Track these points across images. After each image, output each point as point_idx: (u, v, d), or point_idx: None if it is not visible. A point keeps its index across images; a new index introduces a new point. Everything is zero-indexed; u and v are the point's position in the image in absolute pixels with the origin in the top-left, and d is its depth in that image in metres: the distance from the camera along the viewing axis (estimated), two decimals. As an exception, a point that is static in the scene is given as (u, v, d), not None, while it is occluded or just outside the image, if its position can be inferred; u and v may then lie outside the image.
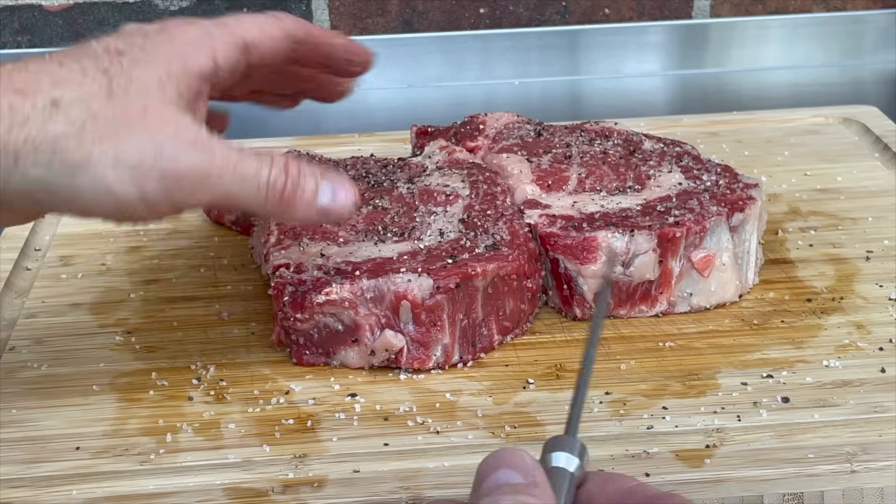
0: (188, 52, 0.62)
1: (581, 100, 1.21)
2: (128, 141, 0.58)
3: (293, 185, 0.61)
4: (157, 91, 0.60)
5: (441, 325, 0.66)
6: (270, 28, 0.66)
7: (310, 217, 0.63)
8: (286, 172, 0.61)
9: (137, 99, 0.59)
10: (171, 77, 0.61)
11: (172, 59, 0.61)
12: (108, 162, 0.57)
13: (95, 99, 0.58)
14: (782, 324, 0.71)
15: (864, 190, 0.88)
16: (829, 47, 1.24)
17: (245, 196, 0.61)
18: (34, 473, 0.59)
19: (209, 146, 0.60)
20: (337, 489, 0.58)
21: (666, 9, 1.23)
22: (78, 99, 0.57)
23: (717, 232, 0.72)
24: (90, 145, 0.57)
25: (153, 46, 0.62)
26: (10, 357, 0.69)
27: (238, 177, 0.60)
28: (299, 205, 0.62)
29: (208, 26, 0.64)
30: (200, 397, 0.65)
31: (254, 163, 0.61)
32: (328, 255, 0.69)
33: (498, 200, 0.75)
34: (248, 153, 0.61)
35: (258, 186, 0.61)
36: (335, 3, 1.20)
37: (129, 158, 0.57)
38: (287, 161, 0.62)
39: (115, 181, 0.57)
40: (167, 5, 1.19)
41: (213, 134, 0.61)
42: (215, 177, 0.59)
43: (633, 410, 0.63)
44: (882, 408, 0.63)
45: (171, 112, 0.60)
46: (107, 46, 0.61)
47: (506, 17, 1.22)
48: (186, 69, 0.62)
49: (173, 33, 0.63)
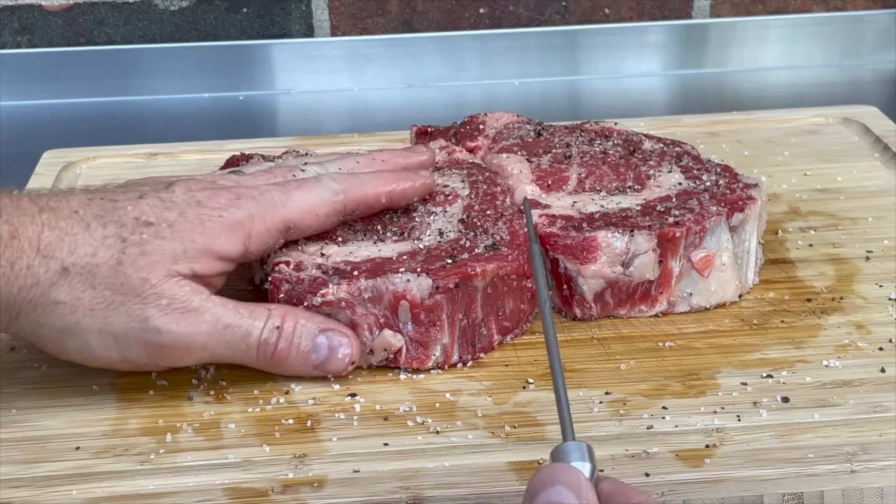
0: (219, 238, 0.63)
1: (581, 100, 1.21)
2: (117, 313, 0.61)
3: (286, 343, 0.64)
4: (167, 265, 0.62)
5: (440, 325, 0.66)
6: (319, 207, 0.67)
7: (306, 373, 0.65)
8: (280, 329, 0.63)
9: (142, 270, 0.61)
10: (188, 254, 0.62)
11: (197, 239, 0.63)
12: (94, 329, 0.61)
13: (102, 269, 0.61)
14: (782, 324, 0.71)
15: (864, 190, 0.88)
16: (829, 47, 1.24)
17: (235, 356, 0.64)
18: (34, 473, 0.59)
19: (199, 317, 0.62)
20: (337, 489, 0.58)
21: (666, 9, 1.23)
22: (86, 269, 0.60)
23: (716, 232, 0.72)
24: (80, 314, 0.60)
25: (183, 225, 0.63)
26: (10, 357, 0.69)
27: (225, 342, 0.63)
28: (292, 362, 0.65)
29: (252, 209, 0.65)
30: (200, 397, 0.65)
31: (245, 324, 0.63)
32: (328, 254, 0.69)
33: (498, 200, 0.75)
34: (244, 313, 0.63)
35: (247, 347, 0.63)
36: (335, 3, 1.20)
37: (114, 329, 0.61)
38: (285, 316, 0.64)
39: (98, 346, 0.61)
40: (167, 5, 1.19)
41: (210, 296, 0.62)
42: (199, 346, 0.62)
43: (633, 410, 0.63)
44: (882, 408, 0.63)
45: (168, 284, 0.62)
46: (139, 215, 0.62)
47: (506, 17, 1.22)
48: (209, 251, 0.63)
49: (212, 216, 0.64)
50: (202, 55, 1.20)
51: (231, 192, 0.65)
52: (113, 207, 0.63)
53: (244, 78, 1.20)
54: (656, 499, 0.57)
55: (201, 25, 1.20)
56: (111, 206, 0.63)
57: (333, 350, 0.65)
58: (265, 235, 0.65)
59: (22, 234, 0.60)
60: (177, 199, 0.64)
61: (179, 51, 1.19)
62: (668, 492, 0.58)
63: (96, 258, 0.61)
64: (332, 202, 0.67)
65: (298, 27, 1.21)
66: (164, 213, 0.63)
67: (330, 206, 0.67)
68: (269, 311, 0.64)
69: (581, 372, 0.67)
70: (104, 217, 0.62)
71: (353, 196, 0.68)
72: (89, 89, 1.19)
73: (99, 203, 0.63)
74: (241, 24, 1.20)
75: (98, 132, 1.10)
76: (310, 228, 0.67)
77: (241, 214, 0.64)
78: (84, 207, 0.62)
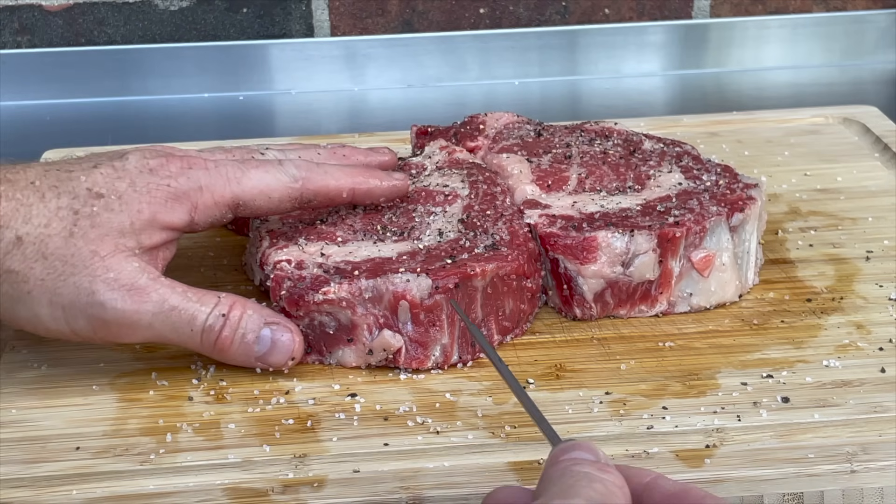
0: (163, 207, 0.64)
1: (581, 100, 1.21)
2: (66, 284, 0.62)
3: (230, 332, 0.64)
4: (115, 238, 0.63)
5: (440, 326, 0.66)
6: (274, 189, 0.67)
7: (248, 364, 0.66)
8: (226, 317, 0.64)
9: (92, 243, 0.62)
10: (135, 227, 0.63)
11: (144, 210, 0.64)
12: (43, 300, 0.62)
13: (54, 239, 0.62)
14: (782, 324, 0.71)
15: (864, 190, 0.88)
16: (829, 47, 1.24)
17: (179, 339, 0.64)
18: (34, 473, 0.59)
19: (144, 296, 0.62)
20: (337, 489, 0.58)
21: (666, 9, 1.23)
22: (39, 238, 0.62)
23: (717, 232, 0.72)
24: (31, 284, 0.62)
25: (131, 196, 0.64)
26: (10, 357, 0.69)
27: (170, 324, 0.63)
28: (235, 351, 0.65)
29: (202, 179, 0.66)
30: (200, 397, 0.65)
31: (191, 308, 0.63)
32: (328, 254, 0.69)
33: (497, 200, 0.75)
34: (192, 297, 0.63)
35: (192, 331, 0.64)
36: (335, 3, 1.20)
37: (62, 300, 0.62)
38: (233, 305, 0.64)
39: (47, 317, 0.62)
40: (167, 5, 1.19)
41: (158, 277, 0.63)
42: (144, 325, 0.63)
43: (633, 410, 0.63)
44: (882, 408, 0.63)
45: (117, 258, 0.62)
46: (91, 185, 0.63)
47: (506, 17, 1.22)
48: (154, 222, 0.64)
49: (160, 185, 0.65)
50: (202, 55, 1.19)
51: (184, 161, 0.66)
52: (68, 178, 0.64)
53: (244, 78, 1.20)
54: None
55: (201, 25, 1.20)
56: (66, 177, 0.64)
57: (276, 344, 0.65)
58: (212, 208, 0.66)
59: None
60: (129, 167, 0.65)
61: (179, 51, 1.19)
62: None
63: (49, 229, 0.62)
64: (288, 187, 0.67)
65: (298, 27, 1.21)
66: (114, 184, 0.64)
67: (285, 191, 0.67)
68: (218, 298, 0.64)
69: (581, 372, 0.67)
70: (59, 188, 0.63)
71: (312, 186, 0.68)
72: (89, 89, 1.19)
73: (55, 174, 0.64)
74: (241, 24, 1.20)
75: (98, 132, 1.10)
76: (261, 210, 0.68)
77: (189, 184, 0.65)
78: (40, 179, 0.63)
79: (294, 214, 0.74)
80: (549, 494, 0.45)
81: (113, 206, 0.63)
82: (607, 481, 0.46)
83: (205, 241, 0.83)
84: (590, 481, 0.45)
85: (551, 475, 0.47)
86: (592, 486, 0.45)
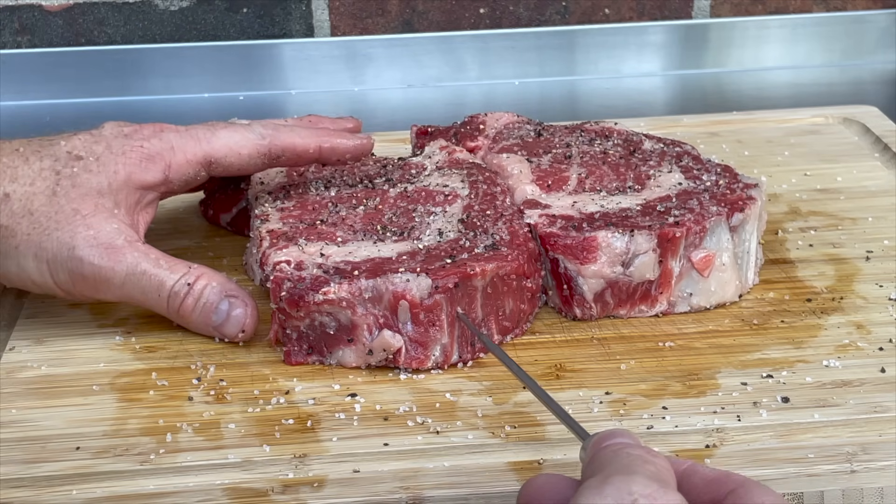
0: (138, 167, 0.69)
1: (581, 100, 1.21)
2: (50, 238, 0.67)
3: (193, 300, 0.69)
4: (94, 198, 0.68)
5: (440, 325, 0.66)
6: (242, 146, 0.72)
7: (207, 332, 0.70)
8: (191, 286, 0.68)
9: (73, 202, 0.68)
10: (112, 187, 0.69)
11: (119, 171, 0.69)
12: (29, 254, 0.67)
13: (39, 197, 0.67)
14: (782, 324, 0.71)
15: (864, 190, 0.88)
16: (829, 47, 1.24)
17: (148, 302, 0.69)
18: (34, 473, 0.59)
19: (119, 256, 0.67)
20: (337, 489, 0.58)
21: (666, 9, 1.23)
22: (25, 195, 0.67)
23: (717, 232, 0.72)
24: (19, 237, 0.67)
25: (108, 157, 0.69)
26: (10, 357, 0.69)
27: (140, 288, 0.68)
28: (195, 318, 0.69)
29: (173, 140, 0.71)
30: (200, 397, 0.65)
31: (161, 275, 0.68)
32: (327, 254, 0.69)
33: (497, 200, 0.75)
34: (163, 264, 0.68)
35: (159, 297, 0.68)
36: (335, 3, 1.20)
37: (47, 254, 0.67)
38: (200, 276, 0.69)
39: (34, 270, 0.68)
40: (167, 5, 1.19)
41: (135, 241, 0.68)
42: (117, 284, 0.68)
43: (633, 410, 0.63)
44: (882, 408, 0.63)
45: (97, 218, 0.68)
46: (71, 149, 0.69)
47: (506, 17, 1.22)
48: (130, 181, 0.69)
49: (133, 146, 0.70)
50: (202, 55, 1.19)
51: (156, 126, 0.71)
52: (49, 144, 0.69)
53: (244, 78, 1.20)
54: None
55: (201, 25, 1.20)
56: (48, 143, 0.69)
57: (230, 316, 0.69)
58: (185, 167, 0.70)
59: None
60: (105, 133, 0.70)
61: (179, 51, 1.19)
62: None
63: (34, 187, 0.67)
64: (256, 144, 0.72)
65: (298, 27, 1.21)
66: (92, 147, 0.69)
67: (254, 147, 0.72)
68: (188, 268, 0.69)
69: (581, 372, 0.67)
70: (41, 152, 0.69)
71: (279, 142, 0.72)
72: (89, 89, 1.19)
73: (37, 143, 0.70)
74: (241, 24, 1.20)
75: (98, 132, 1.10)
76: (232, 166, 0.72)
77: (162, 145, 0.70)
78: (24, 146, 0.69)
79: (294, 214, 0.74)
80: (607, 472, 0.47)
81: (91, 167, 0.69)
82: (658, 463, 0.48)
83: (205, 241, 0.83)
84: (643, 462, 0.47)
85: (602, 458, 0.49)
86: (646, 467, 0.47)
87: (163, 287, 0.68)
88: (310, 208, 0.75)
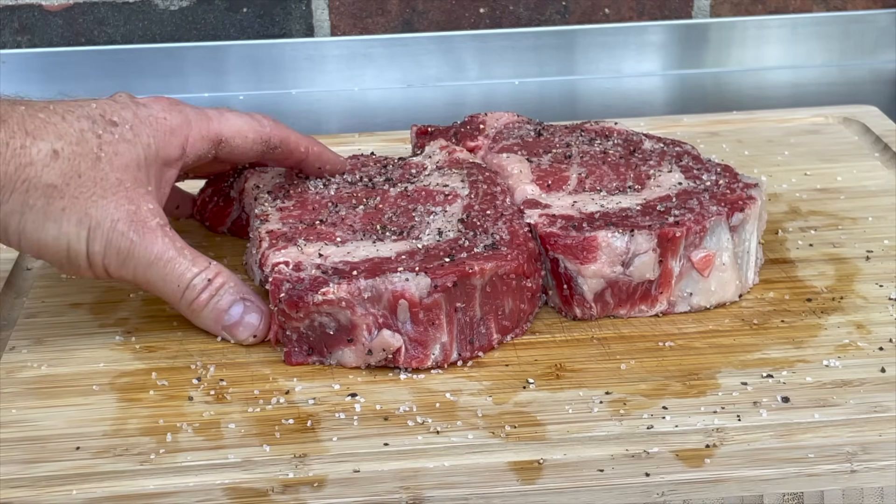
0: (164, 141, 0.69)
1: (581, 100, 1.21)
2: (96, 206, 0.66)
3: (208, 296, 0.69)
4: (134, 171, 0.67)
5: (439, 324, 0.66)
6: (248, 131, 0.73)
7: (214, 330, 0.70)
8: (210, 282, 0.68)
9: (117, 171, 0.67)
10: (147, 161, 0.68)
11: (151, 144, 0.69)
12: (73, 219, 0.65)
13: (85, 160, 0.66)
14: (782, 324, 0.71)
15: (864, 190, 0.88)
16: (829, 47, 1.25)
17: (164, 291, 0.69)
18: (34, 473, 0.59)
19: (154, 238, 0.67)
20: (337, 489, 0.58)
21: (666, 9, 1.23)
22: (73, 154, 0.65)
23: (717, 232, 0.72)
24: (67, 199, 0.65)
25: (139, 127, 0.69)
26: (10, 357, 0.69)
27: (161, 274, 0.68)
28: (206, 315, 0.69)
29: (190, 115, 0.71)
30: (200, 397, 0.65)
31: (183, 266, 0.68)
32: (326, 254, 0.69)
33: (497, 200, 0.75)
34: (187, 255, 0.68)
35: (178, 286, 0.68)
36: (335, 3, 1.20)
37: (90, 220, 0.66)
38: (219, 273, 0.69)
39: (73, 235, 0.66)
40: (167, 5, 1.19)
41: (165, 225, 0.68)
42: (144, 265, 0.67)
43: (633, 410, 0.63)
44: (882, 408, 0.63)
45: (139, 193, 0.67)
46: (103, 113, 0.68)
47: (505, 17, 1.22)
48: (159, 155, 0.69)
49: (157, 118, 0.70)
50: (202, 55, 1.20)
51: (170, 100, 0.72)
52: (77, 105, 0.68)
53: (244, 78, 1.20)
54: (656, 499, 0.57)
55: (201, 25, 1.20)
56: (75, 105, 0.68)
57: (242, 320, 0.69)
58: (200, 143, 0.71)
59: (8, 119, 0.64)
60: (123, 100, 0.70)
61: (179, 50, 1.19)
62: (668, 492, 0.58)
63: (80, 147, 0.65)
64: (260, 132, 0.74)
65: (298, 27, 1.21)
66: (121, 112, 0.68)
67: (258, 133, 0.73)
68: (209, 264, 0.69)
69: (581, 372, 0.67)
70: (74, 112, 0.67)
71: (278, 133, 0.74)
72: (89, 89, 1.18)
73: (63, 104, 0.68)
74: (241, 24, 1.20)
75: (98, 132, 1.10)
76: (237, 149, 0.73)
77: (181, 118, 0.71)
78: (53, 104, 0.67)
79: (294, 214, 0.74)
80: None
81: (127, 136, 0.67)
82: None
83: (205, 241, 0.83)
84: None
85: None
86: None
87: (182, 278, 0.68)
88: (309, 208, 0.75)
